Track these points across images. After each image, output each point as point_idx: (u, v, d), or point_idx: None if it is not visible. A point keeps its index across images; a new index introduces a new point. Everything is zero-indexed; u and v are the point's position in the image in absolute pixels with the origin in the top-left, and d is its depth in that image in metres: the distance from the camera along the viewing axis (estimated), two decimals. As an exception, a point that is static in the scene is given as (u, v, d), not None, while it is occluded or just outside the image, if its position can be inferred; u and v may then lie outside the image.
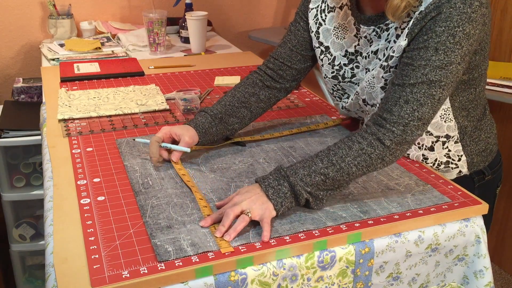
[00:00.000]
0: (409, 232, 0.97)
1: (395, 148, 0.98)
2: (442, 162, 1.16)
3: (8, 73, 2.35)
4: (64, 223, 0.94)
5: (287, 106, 1.52)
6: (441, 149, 1.14)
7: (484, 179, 1.22)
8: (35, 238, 2.03)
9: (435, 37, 0.96)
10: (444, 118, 1.11)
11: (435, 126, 1.11)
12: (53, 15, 2.22)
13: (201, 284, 0.83)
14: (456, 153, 1.16)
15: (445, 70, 0.96)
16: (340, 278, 0.94)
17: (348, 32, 1.17)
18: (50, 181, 1.09)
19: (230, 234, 0.89)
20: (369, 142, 0.98)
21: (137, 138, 1.25)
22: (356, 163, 0.97)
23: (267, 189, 0.95)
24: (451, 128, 1.12)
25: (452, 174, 1.19)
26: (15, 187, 1.97)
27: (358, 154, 0.97)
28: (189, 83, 1.72)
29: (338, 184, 0.99)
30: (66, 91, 1.58)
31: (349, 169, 0.97)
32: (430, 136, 1.13)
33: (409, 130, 0.97)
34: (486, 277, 1.03)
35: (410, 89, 0.98)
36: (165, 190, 1.05)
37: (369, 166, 0.98)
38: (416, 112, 0.97)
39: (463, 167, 1.18)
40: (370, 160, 0.97)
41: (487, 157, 1.21)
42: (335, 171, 0.96)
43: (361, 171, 0.98)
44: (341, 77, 1.20)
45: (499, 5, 2.10)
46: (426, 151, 1.14)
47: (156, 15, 2.03)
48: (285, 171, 0.97)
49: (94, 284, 0.78)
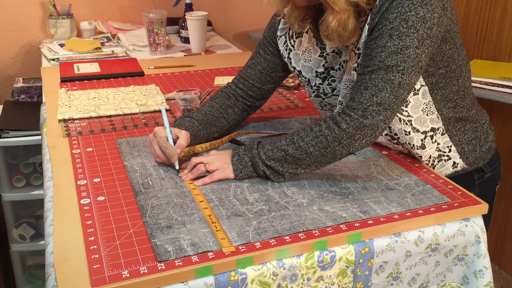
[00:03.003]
0: (409, 232, 0.97)
1: (353, 132, 1.00)
2: (435, 157, 1.17)
3: (8, 73, 2.35)
4: (64, 223, 0.94)
5: (287, 106, 1.52)
6: (431, 144, 1.15)
7: (483, 176, 1.23)
8: (35, 238, 2.03)
9: (388, 24, 0.98)
10: (426, 112, 1.11)
11: (419, 121, 1.12)
12: (53, 15, 2.22)
13: (201, 284, 0.83)
14: (445, 145, 1.16)
15: (401, 54, 0.98)
16: (340, 278, 0.94)
17: (312, 54, 1.19)
18: (50, 181, 1.09)
19: (187, 175, 1.09)
20: (327, 125, 1.03)
21: None
22: (313, 143, 1.03)
23: (233, 156, 1.09)
24: (434, 121, 1.13)
25: (447, 167, 1.19)
26: (15, 187, 1.97)
27: (316, 135, 1.03)
28: (189, 83, 1.73)
29: (298, 162, 1.05)
30: (66, 91, 1.58)
31: (307, 149, 1.03)
32: (417, 133, 1.13)
33: (369, 115, 0.99)
34: (486, 277, 1.03)
35: (369, 76, 1.00)
36: (165, 190, 1.05)
37: (326, 148, 1.02)
38: (374, 97, 0.99)
39: (455, 157, 1.18)
40: (326, 142, 1.02)
41: (486, 154, 1.22)
42: (294, 149, 1.04)
43: (319, 152, 1.03)
44: (322, 94, 1.22)
45: (499, 5, 2.10)
46: (419, 150, 1.15)
47: (156, 15, 2.03)
48: (256, 144, 1.08)
49: (94, 284, 0.78)
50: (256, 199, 1.02)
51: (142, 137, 1.29)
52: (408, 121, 1.11)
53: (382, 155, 1.21)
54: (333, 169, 1.14)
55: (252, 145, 1.09)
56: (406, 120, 1.11)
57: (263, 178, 1.09)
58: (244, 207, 0.99)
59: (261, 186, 1.07)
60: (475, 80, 1.85)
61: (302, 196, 1.03)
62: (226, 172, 1.08)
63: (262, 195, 1.03)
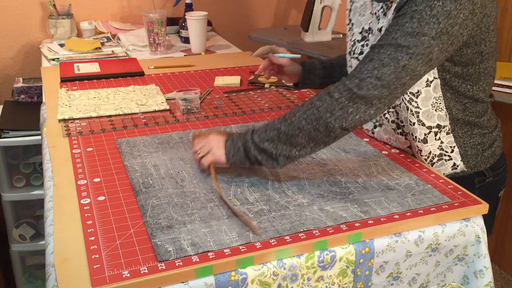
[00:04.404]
0: (409, 232, 0.97)
1: (345, 103, 0.98)
2: (436, 155, 1.16)
3: (8, 73, 2.35)
4: (64, 223, 0.94)
5: (287, 106, 1.52)
6: (434, 140, 1.14)
7: (484, 180, 1.22)
8: (35, 238, 2.03)
9: (413, 6, 0.97)
10: (435, 107, 1.11)
11: (426, 115, 1.11)
12: (53, 15, 2.22)
13: (202, 284, 0.83)
14: (448, 145, 1.15)
15: (415, 38, 0.96)
16: (340, 278, 0.94)
17: (367, 9, 1.19)
18: (50, 181, 1.09)
19: None
20: (319, 97, 1.01)
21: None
22: (305, 116, 1.00)
23: (227, 140, 1.07)
24: (442, 118, 1.12)
25: (447, 167, 1.18)
26: (15, 187, 1.97)
27: (307, 108, 1.01)
28: (189, 83, 1.72)
29: (292, 141, 1.01)
30: (66, 91, 1.58)
31: (299, 123, 1.00)
32: (422, 126, 1.12)
33: (364, 86, 0.97)
34: (486, 277, 1.03)
35: (378, 49, 0.99)
36: (166, 190, 1.05)
37: (318, 120, 0.99)
38: (376, 71, 0.97)
39: (456, 159, 1.17)
40: (318, 113, 0.99)
41: (489, 159, 1.21)
42: (287, 126, 1.01)
43: (311, 125, 0.99)
44: (353, 52, 1.23)
45: (499, 5, 2.10)
46: (420, 143, 1.14)
47: (156, 15, 2.03)
48: (251, 130, 1.06)
49: (94, 284, 0.78)
50: (256, 199, 1.02)
51: (142, 137, 1.29)
52: (415, 112, 1.10)
53: (382, 155, 1.21)
54: (333, 169, 1.14)
55: (247, 131, 1.07)
56: (414, 111, 1.10)
57: (263, 178, 1.09)
58: (244, 207, 0.99)
59: (261, 186, 1.07)
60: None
61: (302, 196, 1.03)
62: (216, 155, 1.07)
63: (262, 195, 1.03)
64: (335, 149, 1.24)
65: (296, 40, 2.35)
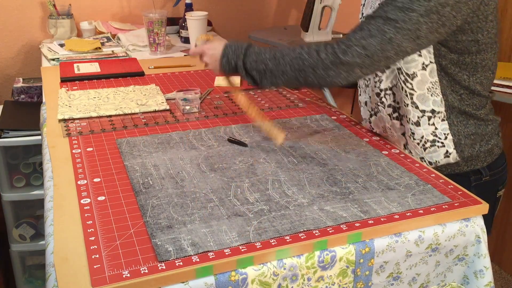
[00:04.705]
0: (409, 232, 0.97)
1: (329, 66, 1.05)
2: (429, 140, 1.17)
3: (8, 73, 2.35)
4: (65, 223, 0.94)
5: (287, 106, 1.52)
6: (427, 125, 1.16)
7: (481, 179, 1.22)
8: (35, 238, 2.03)
9: None
10: (431, 92, 1.13)
11: (421, 98, 1.13)
12: (53, 15, 2.22)
13: (202, 284, 0.83)
14: (442, 132, 1.17)
15: (404, 13, 0.99)
16: (341, 278, 0.94)
17: (377, 1, 1.22)
18: (51, 181, 1.09)
19: None
20: (309, 51, 1.08)
21: None
22: (291, 63, 1.09)
23: (223, 56, 1.20)
24: (437, 103, 1.14)
25: (439, 154, 1.18)
26: (15, 187, 1.97)
27: (296, 57, 1.09)
28: (189, 83, 1.72)
29: (274, 78, 1.13)
30: (66, 91, 1.58)
31: (284, 67, 1.10)
32: (416, 109, 1.14)
33: (349, 52, 1.03)
34: (486, 277, 1.03)
35: (368, 20, 1.04)
36: (166, 190, 1.05)
37: (301, 72, 1.08)
38: (363, 40, 1.02)
39: (449, 146, 1.18)
40: (302, 65, 1.08)
41: (486, 157, 1.21)
42: (274, 65, 1.11)
43: (294, 74, 1.09)
44: None
45: (499, 5, 2.10)
46: (413, 125, 1.16)
47: (156, 15, 2.03)
48: (244, 50, 1.17)
49: (94, 284, 0.78)
50: (256, 199, 1.02)
51: (142, 137, 1.29)
52: (409, 94, 1.14)
53: (382, 155, 1.21)
54: (333, 169, 1.14)
55: (241, 50, 1.17)
56: (408, 92, 1.14)
57: (263, 178, 1.09)
58: (244, 207, 0.99)
59: (261, 186, 1.07)
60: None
61: (302, 196, 1.03)
62: (213, 66, 1.26)
63: (262, 195, 1.03)
64: (335, 149, 1.24)
65: (296, 40, 2.35)
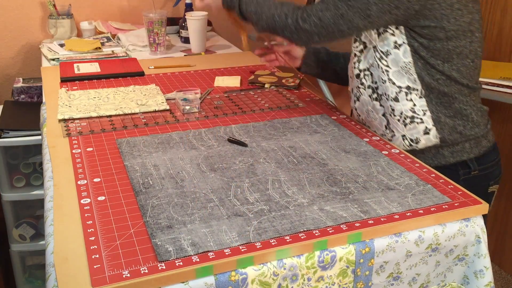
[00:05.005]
0: (409, 232, 0.97)
1: (293, 30, 1.20)
2: (408, 117, 1.23)
3: (8, 73, 2.35)
4: (65, 223, 0.94)
5: (287, 106, 1.52)
6: (406, 100, 1.21)
7: (470, 173, 1.25)
8: (35, 238, 2.03)
9: None
10: (405, 70, 1.20)
11: (396, 75, 1.20)
12: (53, 15, 2.22)
13: (202, 284, 0.83)
14: (420, 108, 1.22)
15: None
16: (341, 278, 0.94)
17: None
18: (51, 181, 1.09)
19: None
20: (279, 14, 1.22)
21: None
22: (267, 21, 1.25)
23: None
24: (411, 81, 1.20)
25: (419, 131, 1.23)
26: (15, 187, 1.97)
27: (270, 16, 1.24)
28: (189, 83, 1.72)
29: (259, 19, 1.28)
30: (66, 91, 1.58)
31: (262, 22, 1.27)
32: (393, 85, 1.21)
33: (307, 21, 1.17)
34: (486, 277, 1.03)
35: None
36: (166, 190, 1.05)
37: (274, 29, 1.25)
38: (320, 12, 1.16)
39: (428, 122, 1.22)
40: (274, 25, 1.24)
41: (472, 148, 1.24)
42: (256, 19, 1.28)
43: (270, 30, 1.26)
44: None
45: (499, 5, 2.10)
46: (392, 102, 1.23)
47: (156, 15, 2.03)
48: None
49: (94, 284, 0.78)
50: (256, 199, 1.02)
51: (142, 137, 1.29)
52: (385, 71, 1.22)
53: (382, 155, 1.21)
54: (333, 169, 1.14)
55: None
56: (384, 69, 1.22)
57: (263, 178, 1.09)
58: (244, 207, 0.99)
59: (261, 186, 1.07)
60: (475, 80, 1.85)
61: (302, 196, 1.03)
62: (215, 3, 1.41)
63: (262, 195, 1.03)
64: (335, 149, 1.24)
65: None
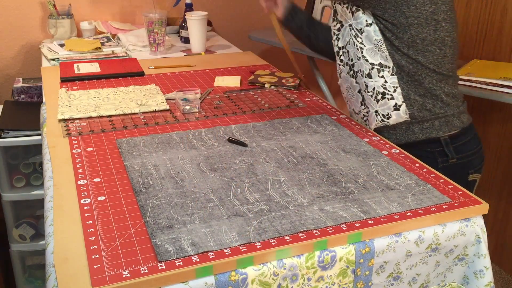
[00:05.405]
0: (409, 232, 0.97)
1: None
2: (380, 93, 1.30)
3: (8, 73, 2.35)
4: (65, 223, 0.94)
5: (287, 106, 1.52)
6: (378, 77, 1.29)
7: (448, 161, 1.30)
8: (35, 238, 2.03)
9: None
10: (377, 47, 1.28)
11: (370, 52, 1.28)
12: (53, 15, 2.22)
13: (202, 284, 0.83)
14: (391, 84, 1.29)
15: None
16: (341, 278, 0.94)
17: None
18: (51, 181, 1.09)
19: None
20: None
21: None
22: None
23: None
24: (383, 58, 1.28)
25: (389, 106, 1.30)
26: (15, 187, 1.97)
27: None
28: (189, 83, 1.73)
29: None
30: (66, 91, 1.58)
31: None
32: (366, 62, 1.29)
33: None
34: (486, 277, 1.03)
35: None
36: (166, 190, 1.05)
37: None
38: None
39: (398, 99, 1.30)
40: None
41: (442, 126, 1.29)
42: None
43: None
44: None
45: (499, 5, 2.10)
46: (366, 78, 1.31)
47: (156, 15, 2.03)
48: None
49: (94, 284, 0.78)
50: (256, 199, 1.02)
51: (142, 137, 1.29)
52: (360, 48, 1.30)
53: (382, 155, 1.21)
54: (333, 169, 1.14)
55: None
56: (359, 46, 1.30)
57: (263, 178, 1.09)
58: (244, 207, 0.99)
59: (261, 186, 1.07)
60: (475, 80, 1.85)
61: (302, 196, 1.03)
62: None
63: (262, 195, 1.03)
64: (335, 149, 1.24)
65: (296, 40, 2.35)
